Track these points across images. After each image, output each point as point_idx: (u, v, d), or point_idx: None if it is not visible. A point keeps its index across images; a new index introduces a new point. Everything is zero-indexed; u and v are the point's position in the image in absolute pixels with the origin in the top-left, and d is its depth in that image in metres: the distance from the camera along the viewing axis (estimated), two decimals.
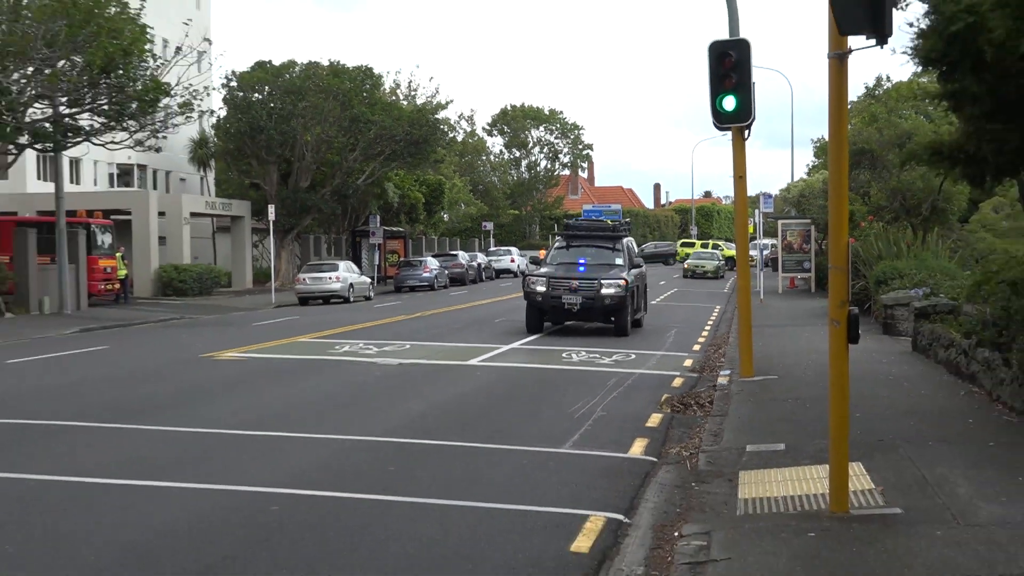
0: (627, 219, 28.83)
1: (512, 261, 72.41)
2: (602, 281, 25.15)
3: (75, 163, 53.89)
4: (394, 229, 65.47)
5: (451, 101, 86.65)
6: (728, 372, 18.15)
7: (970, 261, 28.96)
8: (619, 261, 26.82)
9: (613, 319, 25.76)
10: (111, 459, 11.28)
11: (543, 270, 27.14)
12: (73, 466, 10.85)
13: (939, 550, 7.45)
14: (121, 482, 10.11)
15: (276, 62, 58.45)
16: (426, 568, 7.56)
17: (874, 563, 7.24)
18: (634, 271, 26.90)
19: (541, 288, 25.60)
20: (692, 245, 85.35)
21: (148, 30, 35.93)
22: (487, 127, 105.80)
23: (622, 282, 25.25)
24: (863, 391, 13.82)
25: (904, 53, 12.46)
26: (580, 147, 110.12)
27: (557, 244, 29.04)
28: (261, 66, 58.34)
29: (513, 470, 10.94)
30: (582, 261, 26.54)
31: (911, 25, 12.18)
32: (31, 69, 32.44)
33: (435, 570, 7.51)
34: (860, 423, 11.17)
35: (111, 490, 9.86)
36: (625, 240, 28.25)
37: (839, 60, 8.36)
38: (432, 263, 57.67)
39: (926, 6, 11.97)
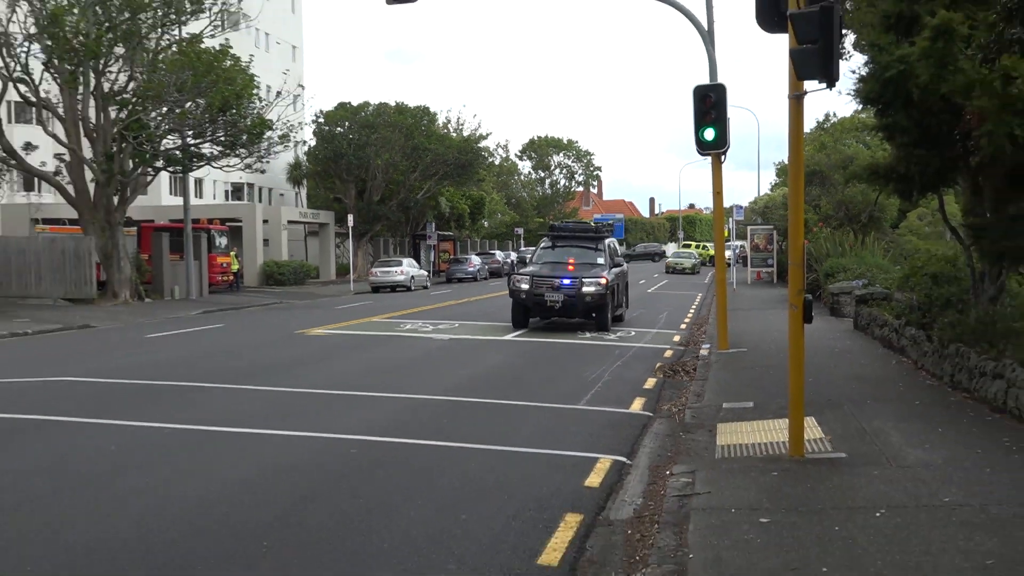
0: (610, 222, 25.39)
1: None
2: (583, 280, 21.26)
3: (199, 182, 54.28)
4: (445, 233, 65.54)
5: (490, 133, 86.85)
6: (708, 346, 18.08)
7: (899, 259, 28.69)
8: (600, 261, 22.67)
9: (594, 315, 21.65)
10: (227, 412, 11.37)
11: (528, 269, 22.85)
12: (197, 417, 10.95)
13: (876, 486, 7.41)
14: (234, 430, 10.20)
15: (354, 103, 58.53)
16: (472, 497, 7.58)
17: (824, 496, 7.20)
18: (615, 270, 22.83)
19: (525, 286, 21.62)
20: (689, 245, 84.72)
21: (255, 78, 36.08)
22: (518, 154, 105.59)
23: (602, 281, 21.35)
24: (815, 361, 13.73)
25: (848, 94, 12.43)
26: (591, 169, 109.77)
27: (543, 244, 24.32)
28: (342, 106, 58.48)
29: (539, 422, 10.95)
30: (565, 260, 22.82)
31: (854, 72, 12.12)
32: (165, 109, 32.66)
33: (479, 498, 7.53)
34: (813, 386, 11.10)
35: (226, 437, 9.95)
36: (607, 241, 23.90)
37: (797, 100, 8.30)
38: (475, 260, 57.76)
39: (866, 57, 11.89)
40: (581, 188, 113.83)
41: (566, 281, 21.33)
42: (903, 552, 5.87)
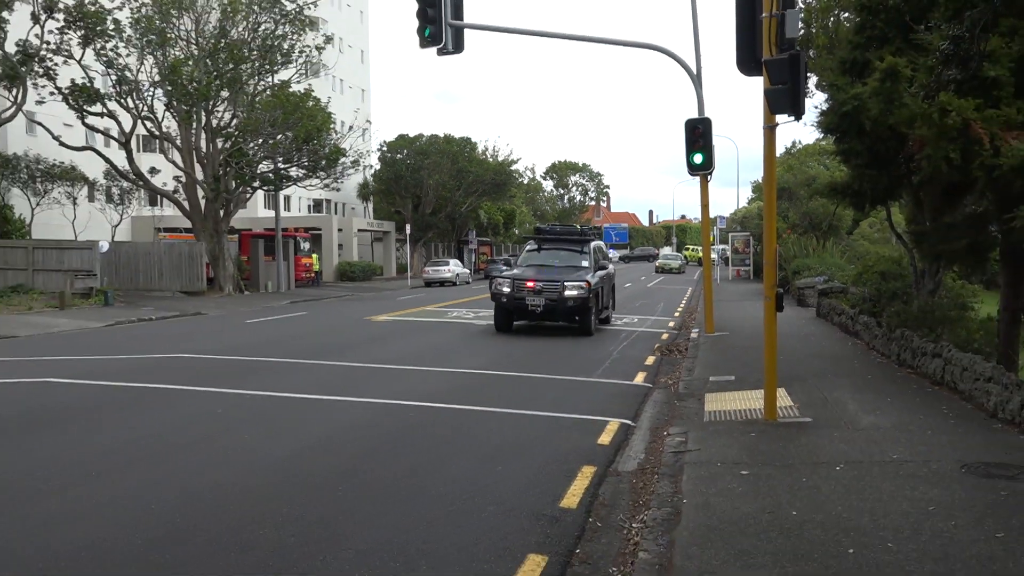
0: (597, 227, 23.56)
1: None
2: (565, 283, 17.12)
3: (287, 198, 54.53)
4: (484, 239, 65.51)
5: (520, 158, 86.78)
6: (697, 330, 17.94)
7: (854, 259, 28.36)
8: (585, 263, 18.36)
9: (577, 319, 17.36)
10: (307, 382, 11.40)
11: (511, 272, 18.37)
12: (284, 386, 11.00)
13: (836, 445, 7.31)
14: (314, 397, 10.24)
15: (411, 134, 58.56)
16: (506, 452, 7.55)
17: (794, 453, 7.11)
18: (599, 273, 18.38)
19: (507, 289, 17.45)
20: (687, 249, 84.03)
21: (332, 115, 36.38)
22: (543, 175, 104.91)
23: (584, 284, 17.13)
24: (785, 343, 13.57)
25: (812, 125, 12.28)
26: (601, 187, 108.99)
27: (529, 247, 19.65)
28: (401, 137, 58.54)
29: (560, 391, 10.89)
30: (549, 263, 18.53)
31: (816, 107, 11.99)
32: (260, 140, 32.98)
33: (512, 453, 7.50)
34: (783, 363, 10.96)
35: (308, 402, 9.98)
36: (593, 244, 19.31)
37: (770, 130, 8.20)
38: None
39: (826, 95, 11.73)
40: (593, 203, 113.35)
41: (548, 284, 17.29)
42: (859, 499, 5.79)
